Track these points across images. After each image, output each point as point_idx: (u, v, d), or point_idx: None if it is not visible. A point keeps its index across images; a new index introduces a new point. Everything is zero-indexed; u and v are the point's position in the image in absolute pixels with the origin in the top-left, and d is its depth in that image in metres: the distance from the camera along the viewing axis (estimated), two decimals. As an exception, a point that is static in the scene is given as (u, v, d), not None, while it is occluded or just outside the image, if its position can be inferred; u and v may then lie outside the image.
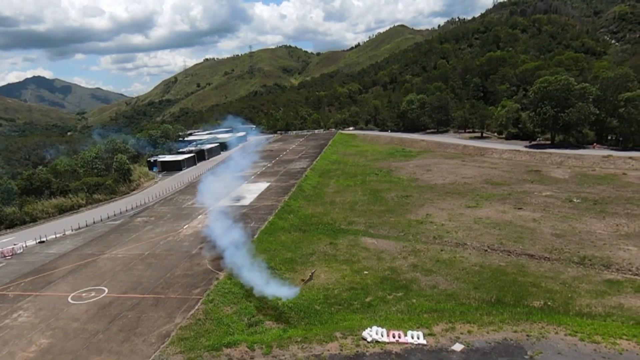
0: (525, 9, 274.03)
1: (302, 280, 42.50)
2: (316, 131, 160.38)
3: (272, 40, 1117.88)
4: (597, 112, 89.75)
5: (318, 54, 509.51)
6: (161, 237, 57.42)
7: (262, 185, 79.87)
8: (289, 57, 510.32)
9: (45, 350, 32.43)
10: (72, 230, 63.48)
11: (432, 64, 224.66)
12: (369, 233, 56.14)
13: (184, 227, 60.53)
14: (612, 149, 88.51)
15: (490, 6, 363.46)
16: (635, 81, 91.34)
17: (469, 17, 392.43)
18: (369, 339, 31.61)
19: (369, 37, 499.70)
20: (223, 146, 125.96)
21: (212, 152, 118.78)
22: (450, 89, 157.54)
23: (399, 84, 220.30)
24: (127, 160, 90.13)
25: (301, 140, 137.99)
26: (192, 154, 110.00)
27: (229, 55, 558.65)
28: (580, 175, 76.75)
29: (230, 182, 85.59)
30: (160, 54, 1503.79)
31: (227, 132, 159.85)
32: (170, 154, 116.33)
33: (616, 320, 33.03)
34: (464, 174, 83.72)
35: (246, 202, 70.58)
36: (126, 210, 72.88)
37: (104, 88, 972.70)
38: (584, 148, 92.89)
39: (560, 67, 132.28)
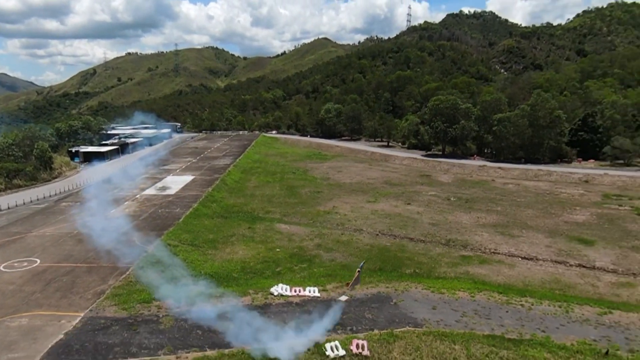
0: (432, 35, 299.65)
1: (347, 284, 40.08)
2: (240, 132, 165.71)
3: (198, 40, 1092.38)
4: (477, 129, 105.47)
5: (245, 58, 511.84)
6: (90, 219, 60.69)
7: (187, 178, 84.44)
8: (216, 58, 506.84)
9: (-13, 306, 35.90)
10: (-4, 212, 64.25)
11: (350, 77, 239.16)
12: (283, 220, 63.77)
13: (111, 212, 64.07)
14: (487, 160, 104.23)
15: (404, 28, 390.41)
16: (506, 105, 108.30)
17: (386, 37, 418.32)
18: (276, 293, 39.23)
19: (295, 46, 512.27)
20: (147, 141, 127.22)
21: (137, 146, 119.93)
22: (365, 102, 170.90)
23: (320, 93, 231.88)
24: (48, 148, 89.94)
25: (226, 140, 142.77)
26: (116, 147, 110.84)
27: (153, 52, 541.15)
28: (460, 180, 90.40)
29: (155, 173, 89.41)
30: (77, 43, 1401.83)
31: (151, 128, 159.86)
32: (92, 145, 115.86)
33: (460, 281, 43.47)
34: (369, 175, 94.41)
35: (171, 191, 75.02)
36: (50, 196, 74.05)
37: (11, 74, 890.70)
38: (467, 159, 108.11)
39: (456, 89, 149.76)
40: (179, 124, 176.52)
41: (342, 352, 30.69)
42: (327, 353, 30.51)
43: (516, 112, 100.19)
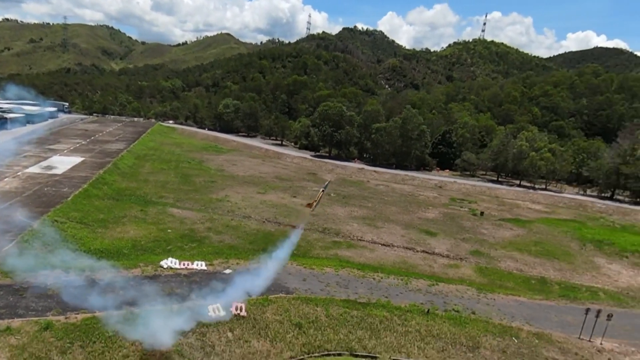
0: (328, 45, 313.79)
1: (309, 204, 42.94)
2: (135, 119, 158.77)
3: (91, 17, 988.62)
4: (359, 135, 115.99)
5: (143, 43, 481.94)
6: (-33, 194, 56.65)
7: (76, 159, 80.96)
8: (111, 39, 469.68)
9: None
10: None
11: (251, 76, 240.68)
12: (176, 205, 65.40)
13: (-7, 187, 60.21)
14: (365, 164, 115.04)
15: (304, 35, 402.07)
16: (384, 117, 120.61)
17: (287, 41, 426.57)
18: (165, 266, 42.16)
19: (197, 37, 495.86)
20: (28, 118, 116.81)
21: (16, 122, 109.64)
22: (262, 101, 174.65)
23: (220, 88, 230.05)
24: None
25: (119, 125, 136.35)
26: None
27: (37, 21, 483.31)
28: (342, 179, 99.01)
29: (39, 152, 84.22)
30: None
31: (35, 104, 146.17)
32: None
33: (329, 260, 50.07)
34: (262, 170, 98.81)
35: (58, 171, 71.71)
36: None
37: None
38: (349, 161, 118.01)
39: (345, 98, 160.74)
40: (67, 104, 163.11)
41: (223, 313, 35.00)
42: (209, 313, 34.57)
43: (390, 124, 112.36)
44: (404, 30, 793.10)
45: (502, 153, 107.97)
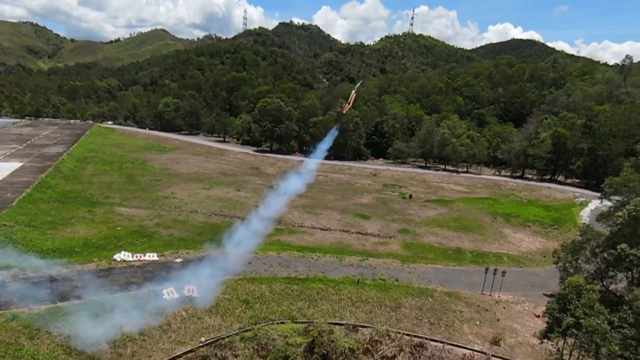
0: (265, 41, 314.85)
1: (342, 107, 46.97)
2: (72, 121, 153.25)
3: (11, 13, 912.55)
4: (298, 129, 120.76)
5: (73, 40, 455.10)
6: None
7: (15, 165, 79.28)
8: (36, 36, 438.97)
9: None
10: None
11: (189, 73, 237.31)
12: (123, 204, 66.89)
13: None
14: (306, 156, 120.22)
15: (241, 31, 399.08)
16: (321, 110, 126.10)
17: (224, 37, 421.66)
18: (118, 259, 44.76)
19: (130, 34, 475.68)
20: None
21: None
22: (203, 98, 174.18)
23: (159, 86, 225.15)
24: None
25: (55, 127, 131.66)
26: None
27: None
28: (283, 172, 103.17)
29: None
30: None
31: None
32: None
33: (272, 245, 54.39)
34: (205, 167, 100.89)
35: (-1, 178, 70.59)
36: None
37: None
38: (290, 154, 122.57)
39: (284, 93, 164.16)
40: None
41: (176, 295, 38.59)
42: (164, 296, 38.04)
43: (327, 117, 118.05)
44: (338, 24, 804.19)
45: (428, 141, 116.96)
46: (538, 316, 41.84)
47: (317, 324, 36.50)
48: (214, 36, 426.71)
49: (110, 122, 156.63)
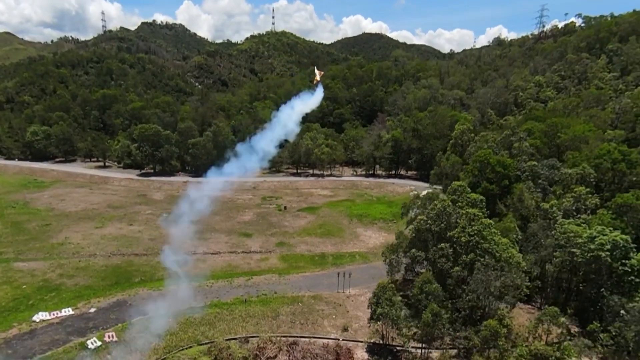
0: (130, 47, 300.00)
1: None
2: None
3: None
4: (178, 150, 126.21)
5: None
6: None
7: None
8: None
9: None
10: None
11: (52, 87, 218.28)
12: (19, 259, 68.63)
13: None
14: (189, 176, 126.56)
15: (100, 30, 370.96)
16: (197, 132, 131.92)
17: (82, 37, 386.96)
18: (38, 320, 50.30)
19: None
20: None
21: None
22: (73, 119, 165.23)
23: (17, 104, 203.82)
24: None
25: None
26: None
27: None
28: (170, 196, 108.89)
29: None
30: None
31: None
32: None
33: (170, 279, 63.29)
34: (92, 201, 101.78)
35: None
36: None
37: None
38: (174, 175, 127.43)
39: (158, 108, 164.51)
40: None
41: (99, 343, 46.71)
42: (89, 346, 45.84)
43: (204, 138, 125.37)
44: (202, 20, 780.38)
45: (295, 151, 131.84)
46: (372, 303, 58.59)
47: (217, 342, 47.87)
48: (70, 38, 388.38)
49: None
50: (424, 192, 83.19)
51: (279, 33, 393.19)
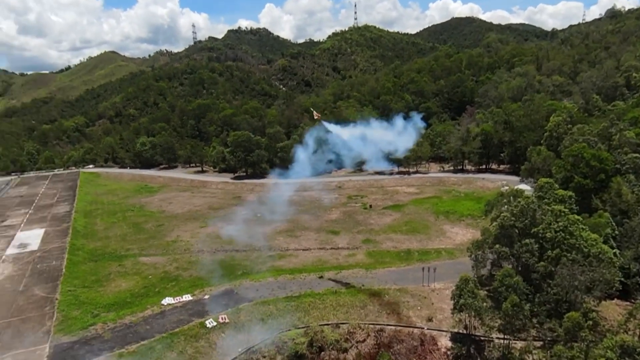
0: (219, 56, 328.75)
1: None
2: (56, 171, 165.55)
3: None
4: (267, 154, 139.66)
5: (22, 74, 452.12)
6: (-23, 285, 71.23)
7: (39, 231, 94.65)
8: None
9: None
10: None
11: (152, 100, 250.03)
12: (142, 254, 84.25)
13: (-7, 275, 74.80)
14: (278, 178, 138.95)
15: (191, 41, 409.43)
16: (285, 135, 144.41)
17: (175, 50, 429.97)
18: (165, 304, 63.19)
19: (80, 60, 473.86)
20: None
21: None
22: (173, 128, 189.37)
23: (125, 117, 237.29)
24: None
25: (46, 182, 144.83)
26: None
27: None
28: (262, 197, 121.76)
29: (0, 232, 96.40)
30: None
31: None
32: None
33: (269, 271, 73.74)
34: (195, 203, 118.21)
35: (34, 247, 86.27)
36: None
37: None
38: (265, 178, 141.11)
39: (247, 114, 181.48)
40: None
41: (215, 323, 57.75)
42: (207, 325, 57.14)
43: (291, 142, 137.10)
44: (285, 21, 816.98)
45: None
46: (457, 296, 63.15)
47: (312, 327, 56.45)
48: (164, 51, 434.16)
49: (91, 166, 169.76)
50: (505, 188, 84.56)
51: (362, 27, 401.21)
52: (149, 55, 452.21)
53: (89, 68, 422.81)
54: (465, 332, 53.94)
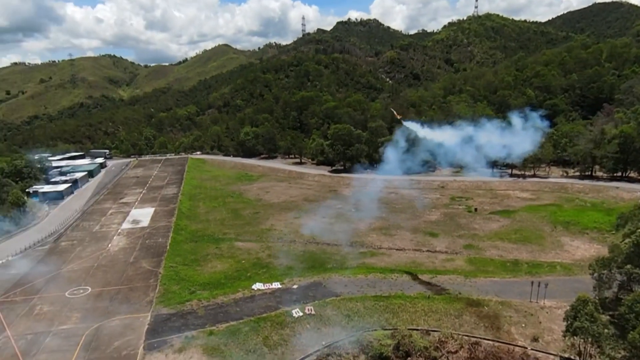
0: (326, 48, 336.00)
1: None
2: (168, 156, 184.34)
3: (88, 45, 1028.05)
4: (367, 149, 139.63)
5: (146, 66, 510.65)
6: (96, 254, 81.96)
7: (149, 210, 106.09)
8: (115, 67, 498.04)
9: (86, 317, 58.84)
10: (12, 256, 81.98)
11: (258, 91, 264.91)
12: (238, 239, 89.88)
13: (109, 246, 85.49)
14: (376, 173, 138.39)
15: (299, 33, 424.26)
16: (387, 130, 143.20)
17: (283, 42, 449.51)
18: (255, 289, 66.70)
19: (196, 53, 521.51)
20: (89, 173, 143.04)
21: (83, 180, 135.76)
22: (275, 120, 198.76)
23: (232, 107, 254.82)
24: (21, 194, 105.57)
25: (159, 165, 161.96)
26: (69, 184, 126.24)
27: (37, 59, 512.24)
28: (357, 191, 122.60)
29: (119, 207, 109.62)
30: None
31: (81, 157, 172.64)
32: (39, 183, 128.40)
33: (359, 268, 73.93)
34: (291, 194, 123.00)
35: (144, 224, 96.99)
36: (44, 238, 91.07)
37: None
38: (362, 173, 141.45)
39: (350, 107, 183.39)
40: (107, 151, 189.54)
41: (301, 313, 59.48)
42: (293, 315, 59.08)
43: (393, 136, 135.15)
44: (397, 11, 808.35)
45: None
46: (572, 318, 57.30)
47: (400, 330, 55.40)
48: (273, 44, 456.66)
49: (198, 153, 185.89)
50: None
51: (482, 16, 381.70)
52: (259, 48, 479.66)
53: (203, 60, 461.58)
54: (577, 359, 48.77)
